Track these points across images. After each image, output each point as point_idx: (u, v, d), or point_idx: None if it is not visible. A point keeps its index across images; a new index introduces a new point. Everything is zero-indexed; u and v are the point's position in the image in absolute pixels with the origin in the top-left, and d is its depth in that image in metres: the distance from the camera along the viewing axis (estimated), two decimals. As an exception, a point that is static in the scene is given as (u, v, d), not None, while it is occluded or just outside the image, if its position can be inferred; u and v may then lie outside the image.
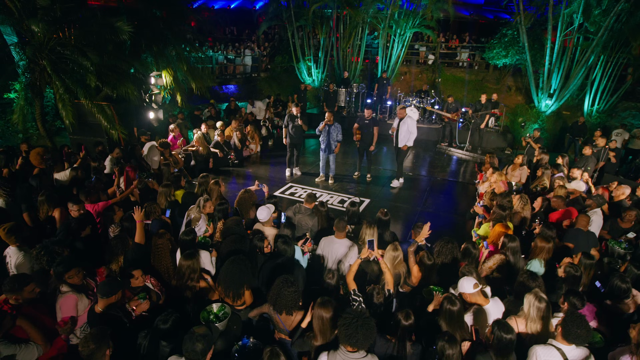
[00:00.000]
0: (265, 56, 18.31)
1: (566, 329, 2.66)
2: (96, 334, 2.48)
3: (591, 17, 11.29)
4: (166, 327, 2.83)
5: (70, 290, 3.29)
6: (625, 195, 5.54)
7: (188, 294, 3.51)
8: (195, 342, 2.42)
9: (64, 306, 3.20)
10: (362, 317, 2.55)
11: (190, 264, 3.49)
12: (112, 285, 3.15)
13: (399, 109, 7.62)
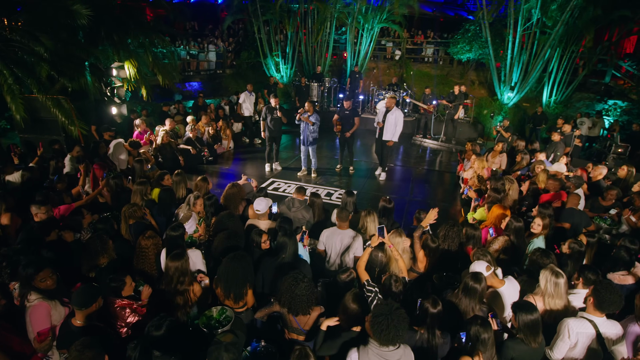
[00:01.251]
0: (230, 52, 17.65)
1: (599, 297, 2.61)
2: (91, 340, 2.06)
3: (548, 12, 11.90)
4: (159, 334, 2.44)
5: (39, 297, 2.79)
6: (603, 175, 5.78)
7: (179, 300, 3.11)
8: (222, 352, 2.07)
9: (35, 317, 2.70)
10: (393, 311, 2.33)
11: (178, 266, 3.09)
12: (89, 292, 2.66)
13: (389, 98, 7.48)
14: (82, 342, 2.06)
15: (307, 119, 7.24)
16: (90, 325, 2.66)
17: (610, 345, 2.68)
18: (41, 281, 2.83)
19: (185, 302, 3.11)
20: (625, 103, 12.05)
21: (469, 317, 2.89)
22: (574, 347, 2.65)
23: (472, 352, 2.52)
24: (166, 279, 3.11)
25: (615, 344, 2.70)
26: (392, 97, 7.47)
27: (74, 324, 2.64)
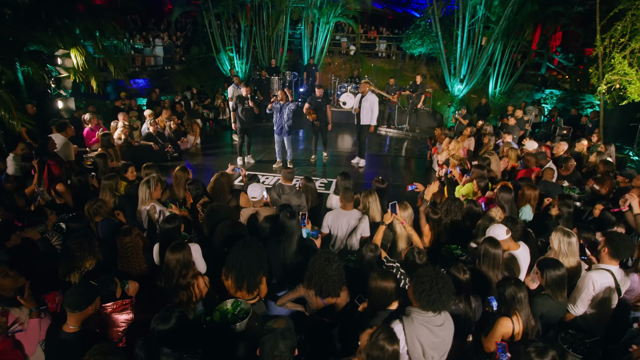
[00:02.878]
0: (179, 47, 16.68)
1: (613, 245, 2.75)
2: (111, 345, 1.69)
3: (492, 8, 12.76)
4: (167, 328, 2.13)
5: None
6: (564, 150, 6.26)
7: (182, 295, 2.76)
8: (279, 340, 1.81)
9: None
10: (439, 276, 2.24)
11: (179, 258, 2.75)
12: (85, 291, 2.25)
13: (363, 83, 7.47)
14: (102, 348, 1.69)
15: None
16: (85, 330, 2.24)
17: (623, 293, 2.85)
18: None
19: (189, 298, 2.77)
20: (559, 92, 13.31)
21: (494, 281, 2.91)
22: (595, 298, 2.78)
23: (509, 313, 2.53)
24: (166, 273, 2.75)
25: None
26: (365, 81, 7.48)
27: (67, 330, 2.21)
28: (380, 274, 2.45)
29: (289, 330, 1.88)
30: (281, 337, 1.81)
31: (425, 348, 2.20)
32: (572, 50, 14.02)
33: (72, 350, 2.16)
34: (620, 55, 6.47)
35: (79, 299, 2.19)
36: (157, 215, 3.92)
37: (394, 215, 3.35)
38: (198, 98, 12.94)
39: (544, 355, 1.92)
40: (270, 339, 1.80)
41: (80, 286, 2.25)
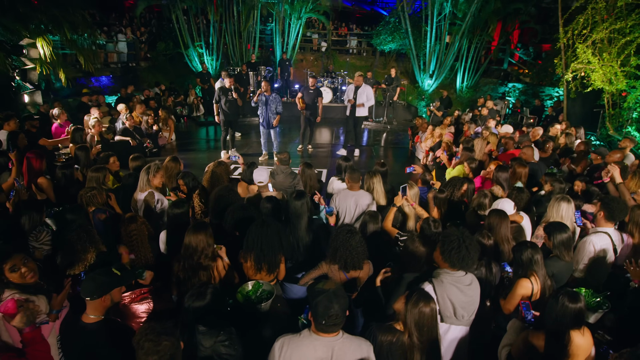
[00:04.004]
0: (144, 43, 15.96)
1: (609, 208, 2.97)
2: (165, 326, 1.59)
3: (458, 5, 13.30)
4: (203, 305, 2.05)
5: (14, 292, 2.13)
6: (540, 135, 6.65)
7: (202, 276, 2.67)
8: (333, 300, 1.78)
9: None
10: (465, 235, 2.33)
11: (202, 238, 2.66)
12: (104, 279, 2.08)
13: (357, 76, 7.48)
14: (154, 328, 1.58)
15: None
16: (108, 319, 2.10)
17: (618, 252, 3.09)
18: (12, 270, 2.15)
19: (208, 280, 2.68)
20: (521, 85, 14.12)
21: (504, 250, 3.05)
22: (595, 259, 2.98)
23: (527, 275, 2.65)
24: (186, 254, 2.63)
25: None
26: (359, 74, 7.55)
27: (86, 320, 2.05)
28: (412, 239, 2.50)
29: (340, 290, 1.87)
30: (334, 296, 1.80)
31: (456, 307, 2.26)
32: (531, 45, 14.91)
33: (93, 340, 2.01)
34: (583, 45, 6.98)
35: (94, 286, 2.03)
36: (155, 203, 3.75)
37: (405, 197, 3.43)
38: (168, 95, 12.46)
39: (576, 300, 2.04)
40: (323, 300, 1.78)
41: (98, 273, 2.09)
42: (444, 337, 2.36)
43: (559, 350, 2.08)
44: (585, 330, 2.17)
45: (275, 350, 1.87)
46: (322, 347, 1.82)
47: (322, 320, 1.78)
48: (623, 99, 7.10)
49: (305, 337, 1.86)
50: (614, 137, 7.34)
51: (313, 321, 1.85)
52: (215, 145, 9.49)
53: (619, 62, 6.64)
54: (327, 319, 1.77)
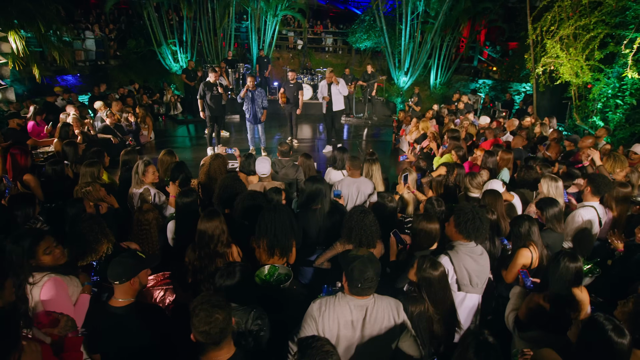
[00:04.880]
0: (113, 40, 15.38)
1: (594, 184, 3.24)
2: (212, 298, 1.62)
3: (430, 4, 13.75)
4: (234, 283, 2.09)
5: (47, 272, 2.09)
6: (515, 125, 7.05)
7: (219, 263, 2.68)
8: (367, 264, 1.87)
9: (50, 298, 1.99)
10: (476, 208, 2.50)
11: (217, 224, 2.68)
12: (130, 262, 2.06)
13: (328, 72, 7.54)
14: (210, 299, 1.61)
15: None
16: (137, 302, 2.09)
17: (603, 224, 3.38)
18: (46, 253, 2.11)
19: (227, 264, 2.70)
20: (491, 81, 14.80)
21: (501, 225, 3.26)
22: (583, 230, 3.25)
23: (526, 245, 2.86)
24: (201, 242, 2.64)
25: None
26: (330, 70, 7.61)
27: (115, 304, 2.03)
28: (426, 217, 2.62)
29: (373, 256, 1.96)
30: (369, 262, 1.89)
31: (472, 275, 2.42)
32: (498, 44, 15.65)
33: (125, 323, 1.99)
34: (552, 41, 7.46)
35: (122, 269, 2.01)
36: (151, 198, 3.70)
37: (407, 185, 3.58)
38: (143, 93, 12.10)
39: (576, 260, 2.24)
40: (358, 265, 1.87)
41: (124, 257, 2.08)
42: (461, 305, 2.51)
43: (563, 307, 2.27)
44: (583, 289, 2.39)
45: (314, 310, 1.94)
46: (356, 309, 1.91)
47: (358, 284, 1.87)
48: (588, 91, 7.65)
49: (340, 299, 1.95)
50: (580, 127, 7.89)
51: (348, 285, 1.93)
52: (198, 142, 9.34)
53: (584, 56, 7.16)
54: (362, 282, 1.86)
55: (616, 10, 6.83)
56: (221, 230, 2.65)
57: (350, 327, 1.91)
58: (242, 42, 17.06)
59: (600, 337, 1.55)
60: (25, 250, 2.03)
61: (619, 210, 3.59)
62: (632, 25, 6.66)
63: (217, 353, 1.56)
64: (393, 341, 1.94)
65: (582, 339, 1.65)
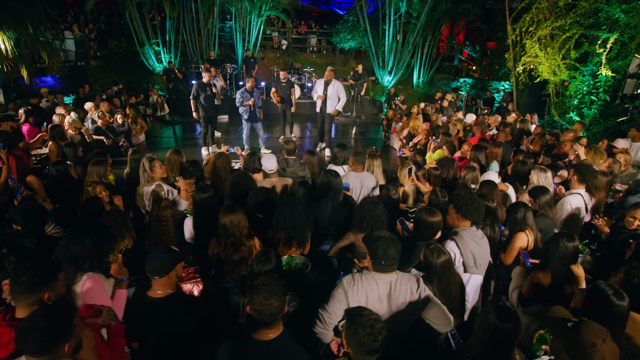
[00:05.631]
0: (93, 40, 15.02)
1: (581, 173, 3.54)
2: (274, 283, 1.74)
3: (412, 5, 14.12)
4: (271, 268, 2.24)
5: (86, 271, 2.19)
6: (498, 122, 7.41)
7: (244, 252, 2.81)
8: (390, 244, 2.04)
9: (90, 291, 2.08)
10: (471, 193, 2.72)
11: (240, 217, 2.79)
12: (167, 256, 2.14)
13: (328, 71, 7.54)
14: (270, 284, 1.73)
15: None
16: (175, 293, 2.19)
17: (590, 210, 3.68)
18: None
19: (249, 254, 2.82)
20: (471, 80, 15.33)
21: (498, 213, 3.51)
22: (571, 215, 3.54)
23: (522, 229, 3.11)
24: (226, 234, 2.74)
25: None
26: (331, 69, 7.63)
27: (153, 295, 2.13)
28: (428, 210, 2.81)
29: (394, 236, 2.14)
30: (391, 241, 2.06)
31: (476, 257, 2.65)
32: (477, 44, 16.22)
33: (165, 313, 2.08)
34: (531, 41, 7.88)
35: (160, 264, 2.10)
36: (164, 193, 3.76)
37: (412, 178, 3.79)
38: (127, 94, 11.91)
39: (573, 239, 2.49)
40: (382, 244, 2.04)
41: (159, 252, 2.16)
42: (467, 285, 2.73)
43: (562, 282, 2.52)
44: (579, 265, 2.65)
45: (344, 285, 2.11)
46: (382, 284, 2.09)
47: (382, 261, 2.04)
48: (565, 88, 8.11)
49: (366, 275, 2.12)
50: (558, 122, 8.35)
51: (372, 263, 2.10)
52: (190, 143, 9.31)
53: (560, 55, 7.60)
54: (386, 259, 2.03)
55: (589, 12, 7.29)
56: (243, 222, 2.77)
57: (378, 301, 2.08)
58: (226, 42, 16.99)
59: (603, 300, 1.78)
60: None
61: (600, 196, 3.92)
62: (604, 26, 7.13)
63: (267, 331, 1.70)
64: (417, 312, 2.13)
65: (587, 304, 1.88)
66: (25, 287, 1.65)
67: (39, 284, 1.68)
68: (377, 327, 1.55)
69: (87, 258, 2.10)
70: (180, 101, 12.58)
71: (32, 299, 1.66)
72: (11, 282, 1.68)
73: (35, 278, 1.68)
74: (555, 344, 1.51)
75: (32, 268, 1.71)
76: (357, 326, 1.55)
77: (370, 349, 1.53)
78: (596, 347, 1.39)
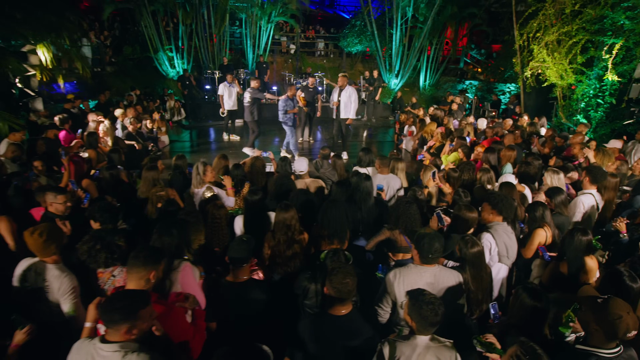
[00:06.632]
0: (108, 47, 15.46)
1: (592, 174, 3.87)
2: (348, 267, 2.11)
3: (419, 10, 14.46)
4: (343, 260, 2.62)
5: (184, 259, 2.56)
6: (510, 125, 7.74)
7: (297, 248, 3.16)
8: (434, 240, 2.38)
9: (186, 281, 2.44)
10: (501, 193, 3.07)
11: (293, 214, 3.15)
12: (245, 246, 2.50)
13: (341, 77, 7.80)
14: (343, 267, 2.09)
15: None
16: (251, 279, 2.55)
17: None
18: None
19: (301, 249, 3.18)
20: (477, 82, 15.64)
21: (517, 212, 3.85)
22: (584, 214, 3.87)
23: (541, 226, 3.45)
24: (281, 230, 3.10)
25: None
26: (344, 75, 7.92)
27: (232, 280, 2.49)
28: (467, 207, 3.15)
29: (438, 233, 2.48)
30: (436, 237, 2.41)
31: (508, 249, 2.99)
32: (483, 47, 16.53)
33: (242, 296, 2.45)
34: (538, 46, 8.21)
35: (244, 255, 2.45)
36: (214, 195, 4.12)
37: (437, 181, 4.14)
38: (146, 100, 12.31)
39: (587, 234, 2.83)
40: (428, 240, 2.38)
41: (241, 243, 2.50)
42: (497, 276, 3.08)
43: (577, 272, 2.85)
44: (592, 257, 2.98)
45: (390, 278, 2.46)
46: (427, 274, 2.43)
47: (428, 255, 2.39)
48: (572, 92, 8.43)
49: (412, 268, 2.47)
50: (565, 125, 8.67)
51: (419, 256, 2.45)
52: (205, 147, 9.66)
53: (567, 60, 7.93)
54: (432, 252, 2.38)
55: (595, 19, 7.61)
56: (296, 220, 3.12)
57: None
58: (236, 47, 17.40)
59: (618, 282, 2.12)
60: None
61: (609, 196, 4.25)
62: (610, 32, 7.45)
63: (341, 307, 2.06)
64: (456, 299, 2.47)
65: (605, 285, 2.22)
66: (141, 262, 2.02)
67: (151, 262, 2.04)
68: (437, 303, 1.90)
69: (176, 247, 2.46)
70: (195, 106, 12.99)
71: (143, 273, 2.02)
72: (131, 257, 2.06)
73: (151, 256, 2.06)
74: (585, 316, 1.85)
75: (148, 249, 2.09)
76: (420, 303, 1.89)
77: (433, 322, 1.88)
78: (622, 318, 1.73)
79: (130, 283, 2.07)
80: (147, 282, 2.04)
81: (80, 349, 1.72)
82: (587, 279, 2.87)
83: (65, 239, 2.57)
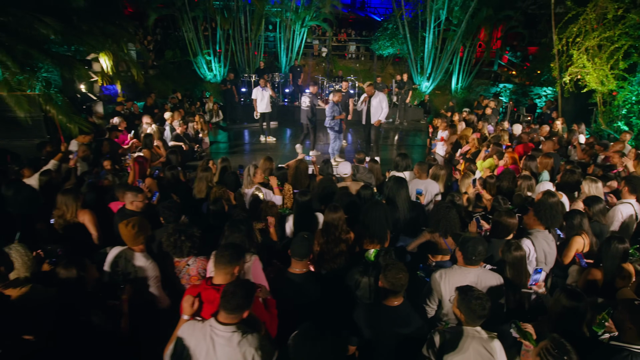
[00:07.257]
0: (151, 51, 16.39)
1: (631, 184, 3.94)
2: (400, 264, 2.39)
3: (453, 12, 14.41)
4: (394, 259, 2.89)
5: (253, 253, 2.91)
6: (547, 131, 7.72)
7: (342, 246, 3.45)
8: (478, 243, 2.61)
9: (257, 270, 2.78)
10: (552, 202, 3.25)
11: (341, 215, 3.44)
12: (306, 243, 2.79)
13: (367, 87, 8.12)
14: (396, 263, 2.39)
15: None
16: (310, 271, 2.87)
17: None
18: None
19: (347, 247, 3.46)
20: (512, 85, 15.39)
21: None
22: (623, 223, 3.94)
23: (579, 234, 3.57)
24: (329, 230, 3.40)
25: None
26: (370, 84, 8.16)
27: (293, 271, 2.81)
28: (508, 213, 3.34)
29: (481, 236, 2.71)
30: (480, 240, 2.64)
31: (547, 256, 3.16)
32: (518, 49, 16.23)
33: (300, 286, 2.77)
34: (578, 52, 8.11)
35: (306, 250, 2.77)
36: (262, 195, 4.48)
37: (476, 188, 4.32)
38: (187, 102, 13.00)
39: (624, 242, 2.96)
40: (472, 243, 2.62)
41: (302, 239, 2.80)
42: (532, 280, 3.24)
43: (614, 278, 2.98)
44: (629, 264, 3.10)
45: (436, 278, 2.71)
46: (471, 275, 2.66)
47: (472, 257, 2.62)
48: (613, 98, 8.27)
49: (456, 269, 2.70)
50: (605, 131, 8.51)
51: (463, 257, 2.68)
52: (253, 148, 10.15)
53: (609, 65, 7.80)
54: (476, 255, 2.61)
55: (639, 24, 7.46)
56: (343, 220, 3.42)
57: None
58: (269, 51, 17.94)
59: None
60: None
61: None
62: (654, 38, 7.29)
63: (394, 299, 2.34)
64: (499, 299, 2.69)
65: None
66: (227, 260, 2.35)
67: (235, 259, 2.38)
68: (484, 299, 2.14)
69: (244, 243, 2.82)
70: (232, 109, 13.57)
71: (229, 269, 2.37)
72: (217, 255, 2.40)
73: (234, 254, 2.39)
74: (621, 315, 2.03)
75: (231, 247, 2.44)
76: (469, 298, 2.13)
77: (480, 315, 2.12)
78: (658, 319, 1.92)
79: (217, 278, 2.40)
80: (232, 276, 2.38)
81: (194, 330, 2.05)
82: (624, 284, 3.00)
83: (150, 231, 2.97)
